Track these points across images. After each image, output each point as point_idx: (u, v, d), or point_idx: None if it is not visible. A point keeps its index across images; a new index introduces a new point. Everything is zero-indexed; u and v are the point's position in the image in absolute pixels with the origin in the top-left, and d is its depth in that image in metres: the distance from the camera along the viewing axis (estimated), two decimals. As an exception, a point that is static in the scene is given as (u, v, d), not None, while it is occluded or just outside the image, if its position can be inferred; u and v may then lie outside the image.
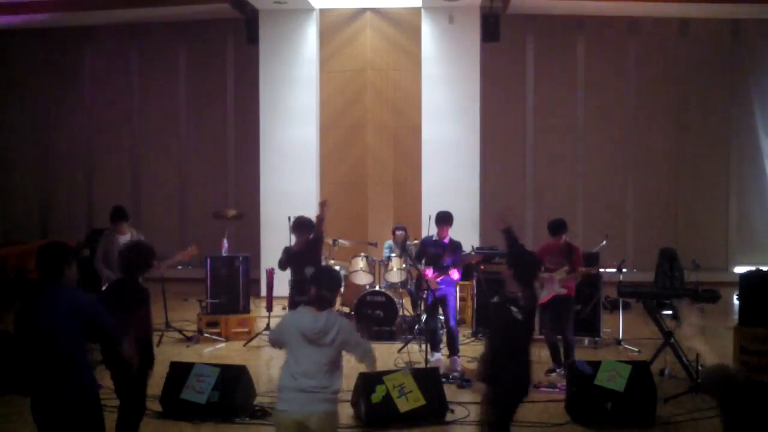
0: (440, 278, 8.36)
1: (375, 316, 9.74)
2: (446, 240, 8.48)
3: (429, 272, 8.43)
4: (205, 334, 9.82)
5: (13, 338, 4.70)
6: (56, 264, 4.40)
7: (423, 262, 8.57)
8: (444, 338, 8.66)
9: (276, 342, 4.75)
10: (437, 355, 8.55)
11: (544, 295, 8.02)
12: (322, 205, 8.21)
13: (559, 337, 8.12)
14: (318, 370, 4.46)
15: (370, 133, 13.34)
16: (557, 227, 8.17)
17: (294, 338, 4.53)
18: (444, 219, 8.46)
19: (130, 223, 8.61)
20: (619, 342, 9.50)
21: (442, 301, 8.37)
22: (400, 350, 8.99)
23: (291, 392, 4.45)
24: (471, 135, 13.07)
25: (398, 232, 10.53)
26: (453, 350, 8.42)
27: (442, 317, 8.67)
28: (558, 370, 8.01)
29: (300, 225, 8.15)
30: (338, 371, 4.61)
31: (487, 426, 5.16)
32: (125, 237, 8.28)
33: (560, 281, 7.94)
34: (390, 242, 10.69)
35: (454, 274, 8.46)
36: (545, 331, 8.41)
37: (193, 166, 15.44)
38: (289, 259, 8.19)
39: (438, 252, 8.45)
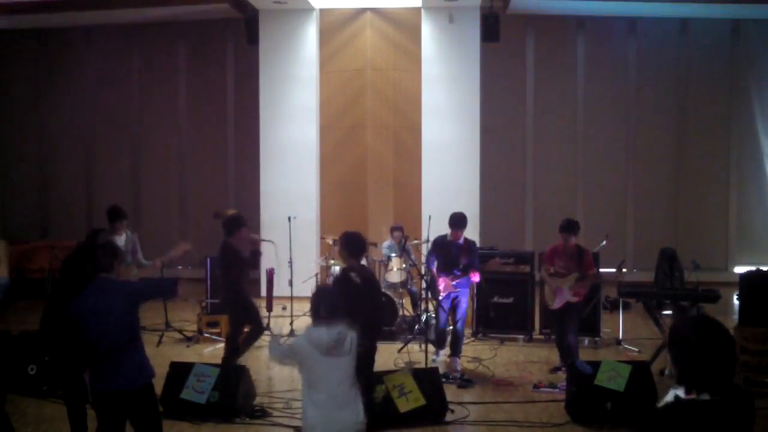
0: (456, 281, 8.22)
1: (375, 316, 9.72)
2: (461, 241, 8.35)
3: (441, 281, 8.23)
4: (205, 334, 9.82)
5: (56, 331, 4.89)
6: (110, 258, 4.77)
7: (435, 264, 8.45)
8: (448, 338, 8.63)
9: (287, 356, 4.53)
10: (441, 353, 8.55)
11: (557, 303, 7.99)
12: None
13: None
14: (347, 378, 4.43)
15: (370, 133, 13.34)
16: (569, 226, 7.97)
17: (309, 356, 4.40)
18: (458, 222, 8.26)
19: (126, 224, 8.61)
20: (619, 342, 9.50)
21: (454, 301, 8.34)
22: (400, 350, 8.98)
23: (332, 418, 4.36)
24: (471, 135, 13.06)
25: (395, 233, 10.51)
26: (456, 351, 8.38)
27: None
28: (564, 369, 7.98)
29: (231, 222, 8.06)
30: (359, 393, 4.55)
31: None
32: (121, 237, 8.28)
33: (570, 288, 7.90)
34: (389, 242, 10.67)
35: (476, 277, 8.27)
36: (554, 333, 8.39)
37: (193, 166, 15.45)
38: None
39: (453, 253, 8.30)
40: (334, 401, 4.39)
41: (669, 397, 2.80)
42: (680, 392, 2.77)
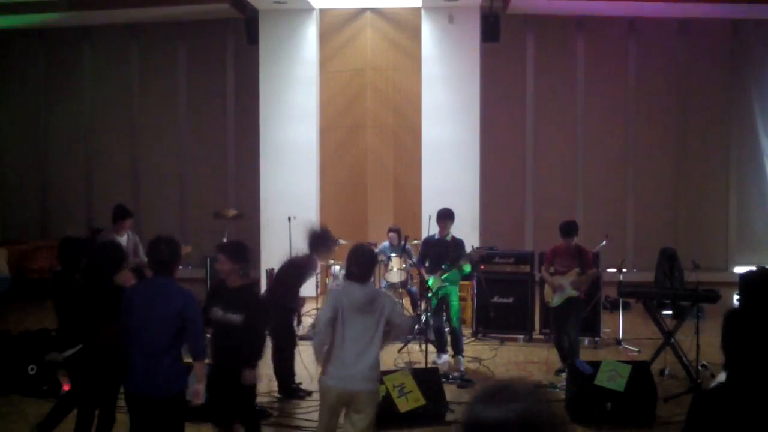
0: (444, 275, 8.27)
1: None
2: (448, 238, 8.44)
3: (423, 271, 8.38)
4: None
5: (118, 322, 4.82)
6: (173, 258, 4.61)
7: (426, 264, 8.50)
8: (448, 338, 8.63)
9: (326, 322, 4.68)
10: (444, 357, 8.52)
11: (557, 300, 7.99)
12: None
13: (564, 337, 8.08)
14: (368, 338, 4.68)
15: (370, 133, 13.33)
16: (569, 229, 8.04)
17: (345, 310, 4.67)
18: (444, 216, 8.41)
19: (129, 223, 8.58)
20: (619, 342, 9.50)
21: (443, 299, 8.35)
22: (400, 350, 8.97)
23: (342, 370, 4.65)
24: (471, 135, 13.06)
25: (390, 234, 10.51)
26: (457, 350, 8.38)
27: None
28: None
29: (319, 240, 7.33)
30: (379, 350, 4.82)
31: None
32: (123, 238, 8.26)
33: (571, 283, 7.91)
34: (386, 243, 10.64)
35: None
36: (552, 331, 8.37)
37: (193, 166, 15.44)
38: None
39: (440, 251, 8.38)
40: (352, 354, 4.65)
41: (721, 377, 3.06)
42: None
